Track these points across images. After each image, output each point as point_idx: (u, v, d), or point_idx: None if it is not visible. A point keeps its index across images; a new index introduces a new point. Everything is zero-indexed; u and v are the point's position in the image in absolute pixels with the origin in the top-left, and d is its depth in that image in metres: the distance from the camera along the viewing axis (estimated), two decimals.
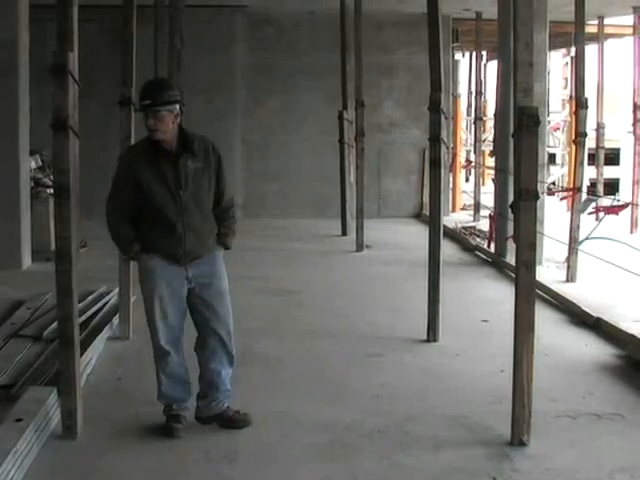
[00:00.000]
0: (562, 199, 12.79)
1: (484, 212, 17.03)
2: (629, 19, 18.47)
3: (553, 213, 12.94)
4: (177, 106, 5.36)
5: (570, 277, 11.19)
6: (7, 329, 7.91)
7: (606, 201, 16.06)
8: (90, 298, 8.85)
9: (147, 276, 5.53)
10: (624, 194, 23.83)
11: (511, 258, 10.71)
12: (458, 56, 23.36)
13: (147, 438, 5.53)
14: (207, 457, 5.27)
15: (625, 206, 13.48)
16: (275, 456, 5.30)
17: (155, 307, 5.49)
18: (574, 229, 11.35)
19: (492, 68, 22.15)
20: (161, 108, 5.25)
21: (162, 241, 5.43)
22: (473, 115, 20.75)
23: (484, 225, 15.99)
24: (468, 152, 25.34)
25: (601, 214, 13.01)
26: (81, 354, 5.85)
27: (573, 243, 11.28)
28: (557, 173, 28.86)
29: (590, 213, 12.14)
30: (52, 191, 9.49)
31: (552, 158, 28.39)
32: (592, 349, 7.79)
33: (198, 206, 5.46)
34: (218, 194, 5.61)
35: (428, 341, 7.92)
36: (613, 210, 11.38)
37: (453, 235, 14.42)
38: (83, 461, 5.23)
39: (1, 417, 5.43)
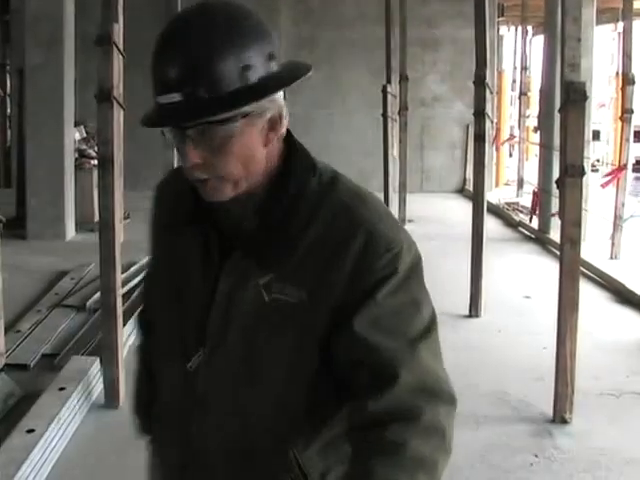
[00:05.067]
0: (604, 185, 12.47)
1: (527, 188, 16.91)
2: None
3: (596, 189, 12.77)
4: (271, 100, 1.76)
5: (614, 254, 11.09)
6: (51, 299, 7.99)
7: None
8: (133, 269, 8.90)
9: None
10: None
11: (555, 234, 10.62)
12: (503, 31, 23.12)
13: None
14: None
15: None
16: None
17: None
18: (618, 206, 11.25)
19: (537, 43, 21.90)
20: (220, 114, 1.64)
21: (158, 454, 2.09)
22: (517, 90, 20.57)
23: (527, 201, 15.88)
24: (512, 127, 25.13)
25: None
26: (124, 324, 5.89)
27: (617, 220, 11.17)
28: (602, 150, 28.59)
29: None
30: (96, 162, 9.56)
31: (597, 135, 28.10)
32: (637, 328, 7.73)
33: (243, 415, 1.74)
34: (369, 385, 1.62)
35: (470, 316, 7.90)
36: None
37: (496, 211, 14.30)
38: (125, 430, 5.25)
39: (45, 385, 5.49)
